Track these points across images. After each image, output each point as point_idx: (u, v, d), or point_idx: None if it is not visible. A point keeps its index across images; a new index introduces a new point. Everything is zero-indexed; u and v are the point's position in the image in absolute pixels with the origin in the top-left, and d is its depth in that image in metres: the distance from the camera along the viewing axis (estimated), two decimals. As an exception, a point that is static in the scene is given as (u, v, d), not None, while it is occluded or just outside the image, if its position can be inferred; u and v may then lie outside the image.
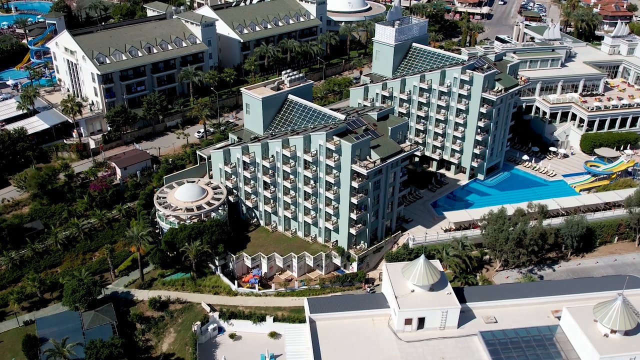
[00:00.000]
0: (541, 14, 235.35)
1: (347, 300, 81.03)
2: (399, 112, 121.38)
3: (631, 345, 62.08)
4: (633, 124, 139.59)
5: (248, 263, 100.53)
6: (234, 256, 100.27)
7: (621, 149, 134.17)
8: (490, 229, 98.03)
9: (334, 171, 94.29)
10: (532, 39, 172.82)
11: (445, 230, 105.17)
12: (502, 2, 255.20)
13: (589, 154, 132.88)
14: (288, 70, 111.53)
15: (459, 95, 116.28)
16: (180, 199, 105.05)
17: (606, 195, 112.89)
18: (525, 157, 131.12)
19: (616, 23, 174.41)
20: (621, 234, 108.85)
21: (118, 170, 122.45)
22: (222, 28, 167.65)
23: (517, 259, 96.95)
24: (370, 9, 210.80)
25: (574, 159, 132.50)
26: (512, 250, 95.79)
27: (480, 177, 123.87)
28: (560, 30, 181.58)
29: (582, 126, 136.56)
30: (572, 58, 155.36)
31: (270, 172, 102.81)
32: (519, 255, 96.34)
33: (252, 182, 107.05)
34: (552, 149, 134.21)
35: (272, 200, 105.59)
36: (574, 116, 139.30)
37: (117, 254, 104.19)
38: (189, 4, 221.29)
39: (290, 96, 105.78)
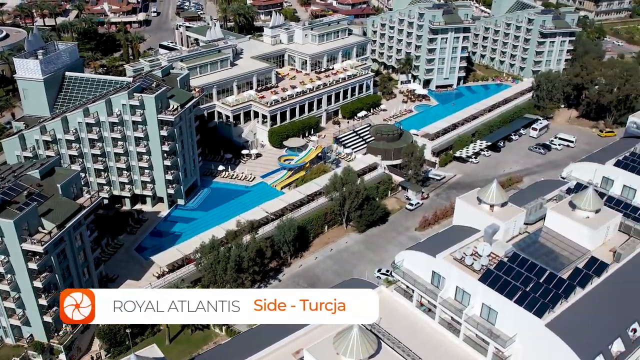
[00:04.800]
0: (199, 13, 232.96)
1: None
2: (70, 155, 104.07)
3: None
4: (311, 108, 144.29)
5: None
6: None
7: (306, 135, 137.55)
8: (205, 262, 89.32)
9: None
10: (197, 41, 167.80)
11: (159, 276, 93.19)
12: (155, 14, 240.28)
13: (280, 148, 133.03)
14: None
15: (134, 122, 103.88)
16: None
17: (306, 187, 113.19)
18: (221, 167, 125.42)
19: (271, 12, 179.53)
20: (330, 221, 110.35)
21: None
22: None
23: (242, 285, 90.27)
24: (7, 36, 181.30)
25: (268, 157, 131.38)
26: (235, 278, 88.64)
27: (181, 202, 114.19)
28: (221, 27, 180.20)
29: (267, 122, 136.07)
30: (240, 55, 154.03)
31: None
32: (242, 281, 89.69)
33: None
34: (244, 151, 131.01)
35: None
36: (256, 114, 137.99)
37: None
38: None
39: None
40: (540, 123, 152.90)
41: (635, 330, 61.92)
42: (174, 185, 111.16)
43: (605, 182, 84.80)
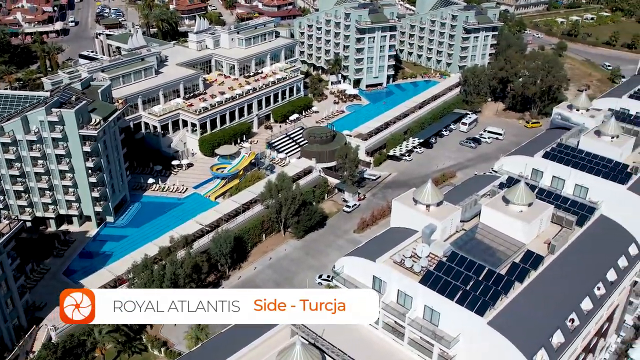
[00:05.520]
0: (120, 20, 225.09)
1: None
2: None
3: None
4: (241, 114, 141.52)
5: None
6: None
7: (238, 142, 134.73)
8: (139, 282, 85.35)
9: None
10: (118, 49, 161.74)
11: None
12: (73, 23, 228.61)
13: (211, 156, 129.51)
14: None
15: (53, 139, 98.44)
16: None
17: (241, 196, 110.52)
18: (151, 179, 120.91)
19: (195, 17, 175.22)
20: (267, 229, 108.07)
21: None
22: None
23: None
24: None
25: (200, 166, 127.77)
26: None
27: (110, 219, 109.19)
28: (144, 34, 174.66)
29: (196, 130, 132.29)
30: (165, 62, 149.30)
31: None
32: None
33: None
34: (174, 162, 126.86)
35: None
36: (185, 122, 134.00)
37: None
38: None
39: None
40: (470, 117, 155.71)
41: (573, 320, 62.90)
42: (101, 202, 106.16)
43: (535, 174, 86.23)
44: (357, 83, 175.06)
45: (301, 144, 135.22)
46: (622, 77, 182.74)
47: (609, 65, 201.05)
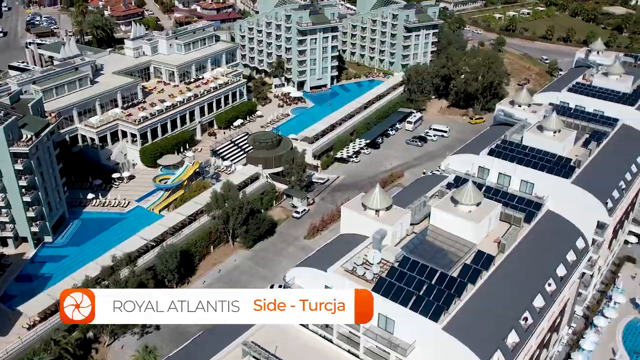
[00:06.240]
0: (52, 28, 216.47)
1: None
2: None
3: None
4: (183, 122, 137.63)
5: None
6: None
7: (181, 151, 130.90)
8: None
9: None
10: (51, 59, 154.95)
11: (29, 327, 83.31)
12: (1, 34, 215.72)
13: (154, 167, 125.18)
14: None
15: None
16: None
17: (186, 208, 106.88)
18: (91, 194, 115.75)
19: (131, 22, 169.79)
20: (215, 240, 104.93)
21: None
22: None
23: (125, 327, 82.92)
24: None
25: (142, 178, 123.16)
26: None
27: (49, 239, 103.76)
28: (78, 42, 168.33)
29: (137, 141, 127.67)
30: (101, 71, 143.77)
31: None
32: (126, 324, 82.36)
33: None
34: (115, 175, 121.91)
35: None
36: (124, 133, 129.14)
37: None
38: None
39: None
40: (414, 116, 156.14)
41: (526, 319, 62.77)
42: (37, 222, 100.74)
43: (482, 171, 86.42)
44: (301, 85, 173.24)
45: (246, 150, 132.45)
46: (560, 70, 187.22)
47: (546, 59, 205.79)
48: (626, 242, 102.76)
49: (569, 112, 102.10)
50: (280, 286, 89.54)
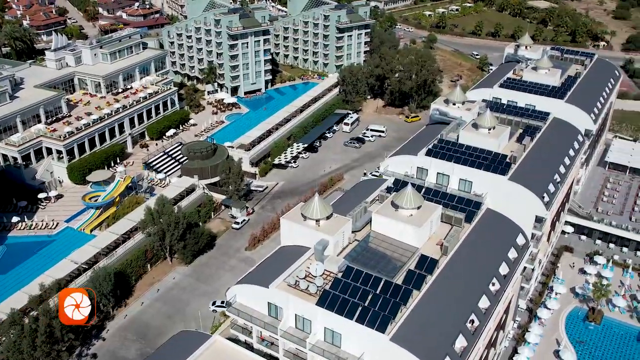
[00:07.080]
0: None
1: None
2: None
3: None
4: (112, 135, 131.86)
5: None
6: None
7: (112, 166, 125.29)
8: (7, 341, 75.31)
9: None
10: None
11: (-50, 368, 77.22)
12: None
13: (83, 184, 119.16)
14: None
15: None
16: None
17: (119, 226, 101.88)
18: (15, 217, 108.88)
19: (52, 32, 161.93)
20: (152, 259, 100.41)
21: None
22: None
23: (59, 358, 77.58)
24: None
25: (71, 197, 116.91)
26: (48, 352, 75.70)
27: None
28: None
29: (63, 157, 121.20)
30: (21, 85, 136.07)
31: None
32: (57, 353, 77.06)
33: None
34: (41, 195, 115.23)
35: None
36: (49, 150, 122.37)
37: None
38: None
39: None
40: (351, 117, 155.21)
41: (473, 321, 62.07)
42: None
43: (421, 172, 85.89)
44: (234, 91, 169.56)
45: (181, 161, 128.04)
46: (490, 65, 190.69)
47: (477, 54, 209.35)
48: (563, 232, 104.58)
49: (502, 108, 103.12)
50: (223, 302, 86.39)
